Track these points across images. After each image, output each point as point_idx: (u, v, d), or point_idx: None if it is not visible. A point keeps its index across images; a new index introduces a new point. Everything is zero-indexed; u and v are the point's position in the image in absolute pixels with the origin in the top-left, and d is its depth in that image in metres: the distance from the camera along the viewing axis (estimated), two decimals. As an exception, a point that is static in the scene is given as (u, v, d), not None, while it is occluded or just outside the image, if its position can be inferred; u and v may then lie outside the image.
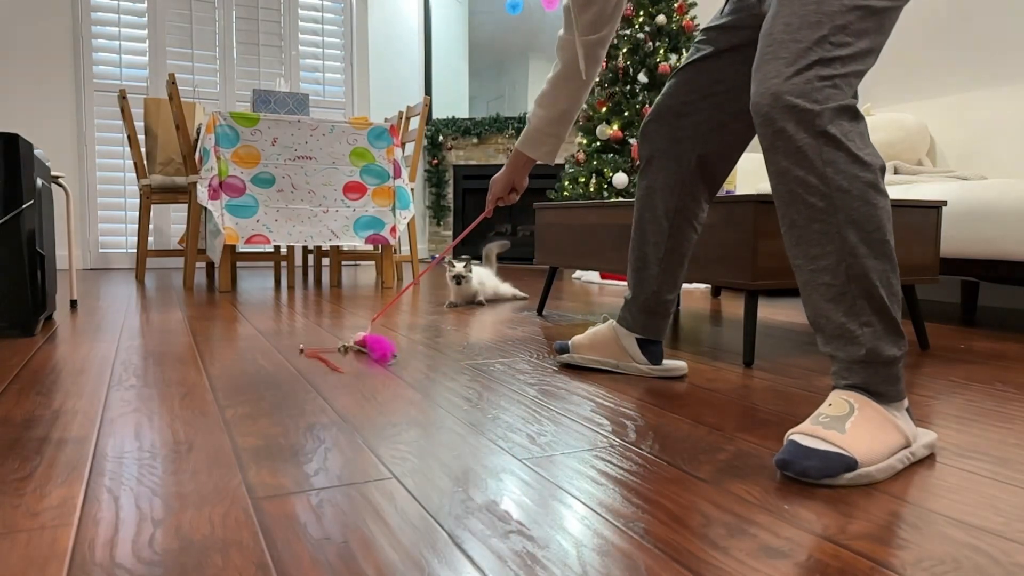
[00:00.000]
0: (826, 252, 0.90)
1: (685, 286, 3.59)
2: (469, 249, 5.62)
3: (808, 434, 0.86)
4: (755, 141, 4.16)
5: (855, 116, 0.89)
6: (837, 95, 0.87)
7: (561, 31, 1.33)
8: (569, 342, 1.50)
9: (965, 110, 2.84)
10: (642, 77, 3.86)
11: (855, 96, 0.90)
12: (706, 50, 1.23)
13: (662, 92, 1.31)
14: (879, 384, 0.90)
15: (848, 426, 0.85)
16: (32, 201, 1.82)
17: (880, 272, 0.89)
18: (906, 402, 0.93)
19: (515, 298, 2.87)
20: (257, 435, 1.00)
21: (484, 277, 2.71)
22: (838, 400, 0.90)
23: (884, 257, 0.90)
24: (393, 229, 3.27)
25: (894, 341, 0.91)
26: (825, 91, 0.87)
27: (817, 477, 0.81)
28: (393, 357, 1.56)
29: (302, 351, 1.65)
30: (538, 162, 1.43)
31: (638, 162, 1.36)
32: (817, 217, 0.90)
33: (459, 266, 2.53)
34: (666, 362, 1.41)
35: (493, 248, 2.94)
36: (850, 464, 0.82)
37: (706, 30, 1.25)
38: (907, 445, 0.89)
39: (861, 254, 0.89)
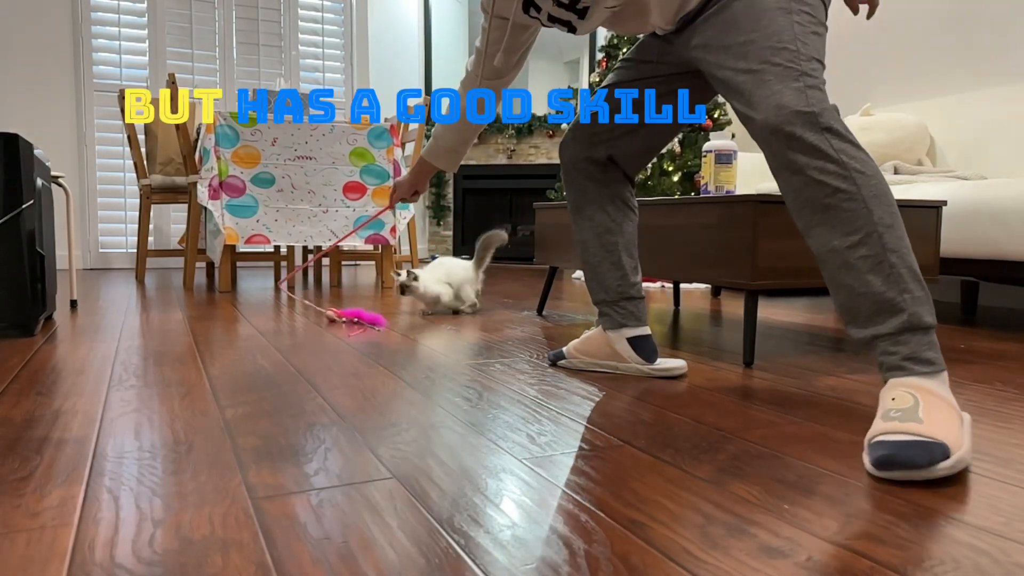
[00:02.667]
0: (859, 227, 0.96)
1: (684, 286, 3.59)
2: (470, 249, 5.62)
3: (891, 432, 0.86)
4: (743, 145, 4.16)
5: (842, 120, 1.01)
6: (825, 99, 0.99)
7: (469, 65, 1.42)
8: (564, 349, 1.51)
9: (965, 110, 2.84)
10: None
11: None
12: (626, 76, 1.36)
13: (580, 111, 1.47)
14: (927, 351, 0.93)
15: (922, 415, 0.86)
16: (32, 201, 1.82)
17: (906, 243, 0.96)
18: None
19: (473, 306, 2.42)
20: (257, 435, 1.00)
21: (453, 273, 2.36)
22: (899, 393, 0.91)
23: (903, 230, 0.97)
24: (393, 229, 3.28)
25: (929, 309, 0.94)
26: (816, 95, 0.99)
27: (925, 465, 0.81)
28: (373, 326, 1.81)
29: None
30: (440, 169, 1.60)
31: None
32: (846, 196, 0.96)
33: (402, 275, 2.23)
34: (666, 361, 1.41)
35: (492, 240, 2.43)
36: (944, 450, 0.82)
37: (624, 60, 1.38)
38: (962, 421, 0.90)
39: (888, 224, 0.96)
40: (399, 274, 2.24)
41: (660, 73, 1.32)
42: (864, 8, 1.11)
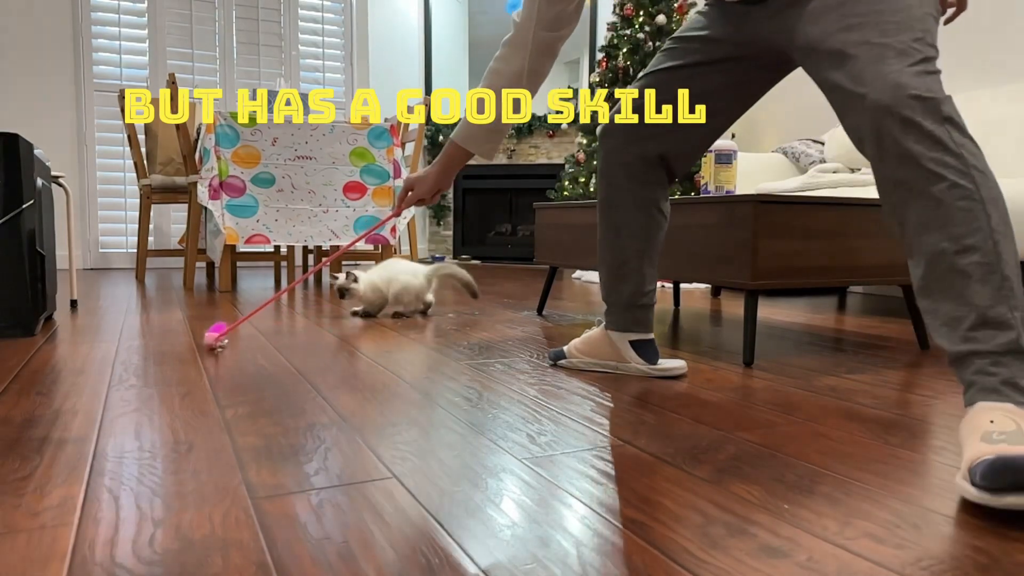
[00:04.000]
0: (973, 230, 0.87)
1: (684, 286, 3.59)
2: (470, 249, 5.62)
3: (1003, 452, 0.74)
4: (757, 146, 4.16)
5: None
6: (942, 88, 0.92)
7: (516, 17, 1.29)
8: (564, 348, 1.51)
9: (965, 110, 2.84)
10: (642, 77, 3.86)
11: None
12: (680, 60, 1.26)
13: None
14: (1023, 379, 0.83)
15: None
16: (32, 201, 1.82)
17: (1017, 256, 0.88)
18: None
19: (412, 313, 2.32)
20: (257, 435, 1.00)
21: (393, 274, 2.26)
22: (997, 416, 0.80)
23: (1015, 242, 0.88)
24: (393, 229, 3.28)
25: None
26: (937, 81, 0.92)
27: None
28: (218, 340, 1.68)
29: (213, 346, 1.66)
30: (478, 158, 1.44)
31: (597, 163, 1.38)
32: (962, 195, 0.87)
33: (340, 278, 2.19)
34: (665, 361, 1.41)
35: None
36: None
37: (681, 39, 1.26)
38: None
39: (1003, 233, 0.87)
40: (336, 277, 2.21)
41: (716, 56, 1.22)
42: (950, 11, 1.05)
